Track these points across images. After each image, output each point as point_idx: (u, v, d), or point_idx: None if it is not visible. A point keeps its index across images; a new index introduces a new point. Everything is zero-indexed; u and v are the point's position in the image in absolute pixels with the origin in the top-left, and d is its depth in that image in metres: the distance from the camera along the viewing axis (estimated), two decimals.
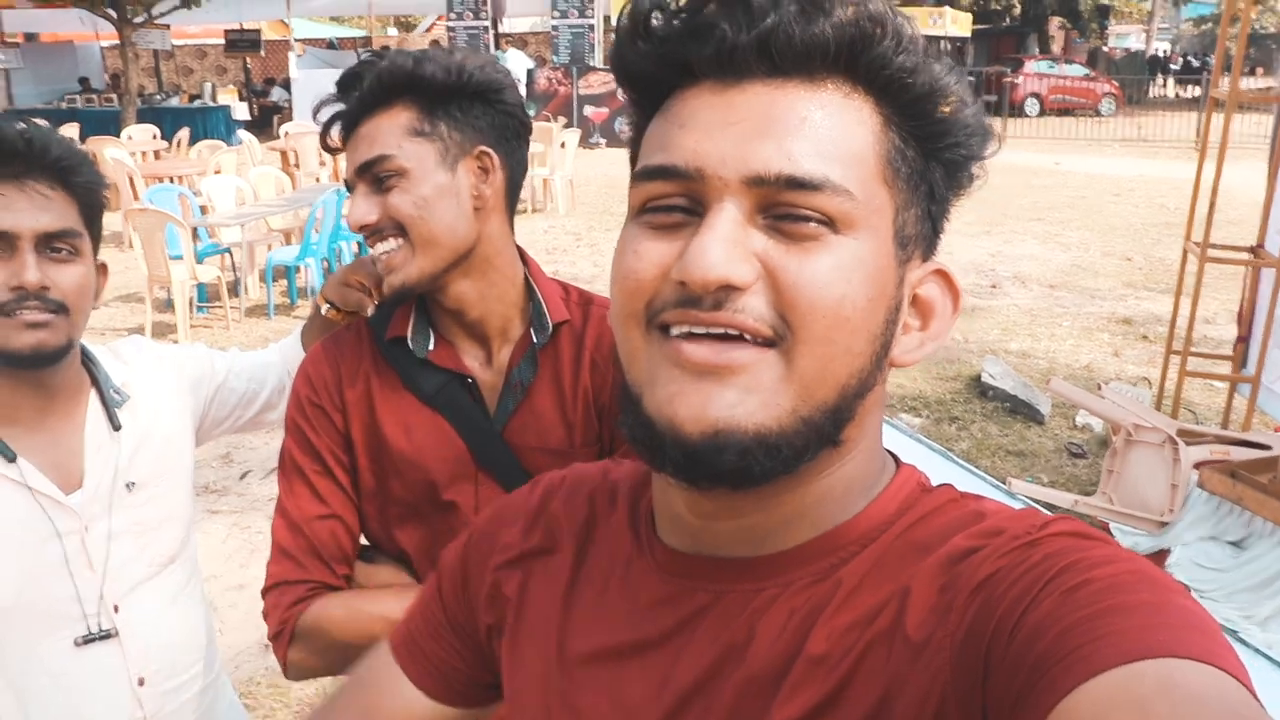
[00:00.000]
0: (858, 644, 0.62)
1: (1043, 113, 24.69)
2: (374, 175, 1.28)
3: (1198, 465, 3.73)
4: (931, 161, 0.67)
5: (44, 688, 1.40)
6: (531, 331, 1.37)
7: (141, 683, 1.46)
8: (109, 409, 1.47)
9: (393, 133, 1.28)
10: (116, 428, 1.47)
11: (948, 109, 0.66)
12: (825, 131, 0.63)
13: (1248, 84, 14.31)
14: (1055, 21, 31.68)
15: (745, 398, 0.61)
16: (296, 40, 22.22)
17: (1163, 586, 0.54)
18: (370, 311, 1.42)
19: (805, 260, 0.61)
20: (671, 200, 0.64)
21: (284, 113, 21.07)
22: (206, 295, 8.06)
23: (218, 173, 10.42)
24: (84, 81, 22.43)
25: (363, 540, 1.43)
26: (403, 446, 1.35)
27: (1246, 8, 4.12)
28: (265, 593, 1.37)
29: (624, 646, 0.73)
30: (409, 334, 1.36)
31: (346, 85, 1.30)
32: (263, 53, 24.93)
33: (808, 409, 0.62)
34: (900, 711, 0.59)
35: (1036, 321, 7.61)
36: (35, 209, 1.30)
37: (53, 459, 1.41)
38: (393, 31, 31.76)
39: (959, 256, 9.71)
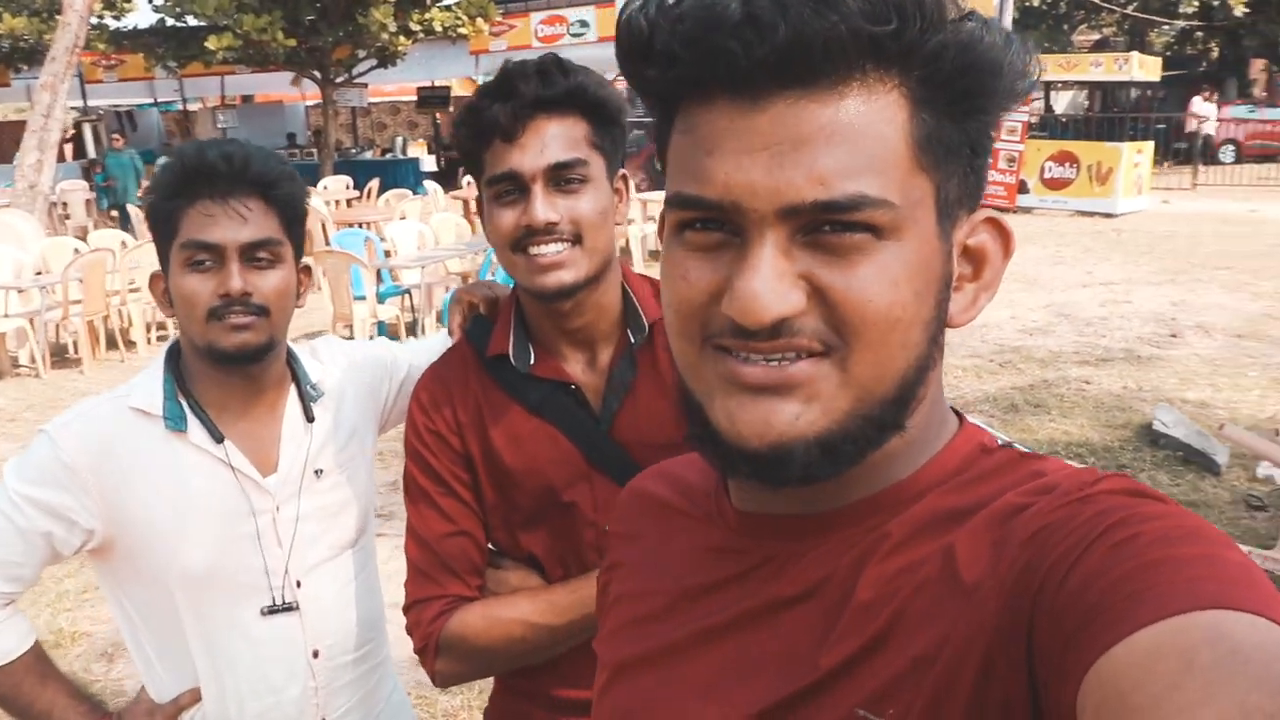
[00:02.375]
0: (904, 591, 0.64)
1: (1239, 159, 23.29)
2: (562, 177, 1.33)
3: None
4: (970, 123, 0.65)
5: (236, 651, 1.55)
6: (629, 332, 1.43)
7: (316, 655, 1.60)
8: (305, 403, 1.62)
9: (579, 140, 1.35)
10: (310, 420, 1.61)
11: (984, 74, 0.63)
12: (854, 140, 0.61)
13: None
14: (1258, 64, 29.97)
15: (806, 409, 0.63)
16: None
17: (1214, 540, 0.54)
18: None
19: (851, 273, 0.61)
20: (709, 219, 0.65)
21: None
22: (386, 332, 8.51)
23: (402, 219, 11.03)
24: (290, 137, 24.30)
25: (490, 548, 1.51)
26: (517, 457, 1.43)
27: None
28: (406, 610, 1.46)
29: (681, 590, 0.78)
30: (510, 350, 1.43)
31: (523, 76, 1.33)
32: (451, 108, 26.24)
33: (867, 407, 0.64)
34: (946, 657, 0.60)
35: (1218, 371, 7.19)
36: (238, 223, 1.44)
37: (254, 443, 1.56)
38: None
39: (1139, 306, 9.30)
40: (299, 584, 1.59)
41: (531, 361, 1.43)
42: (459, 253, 9.38)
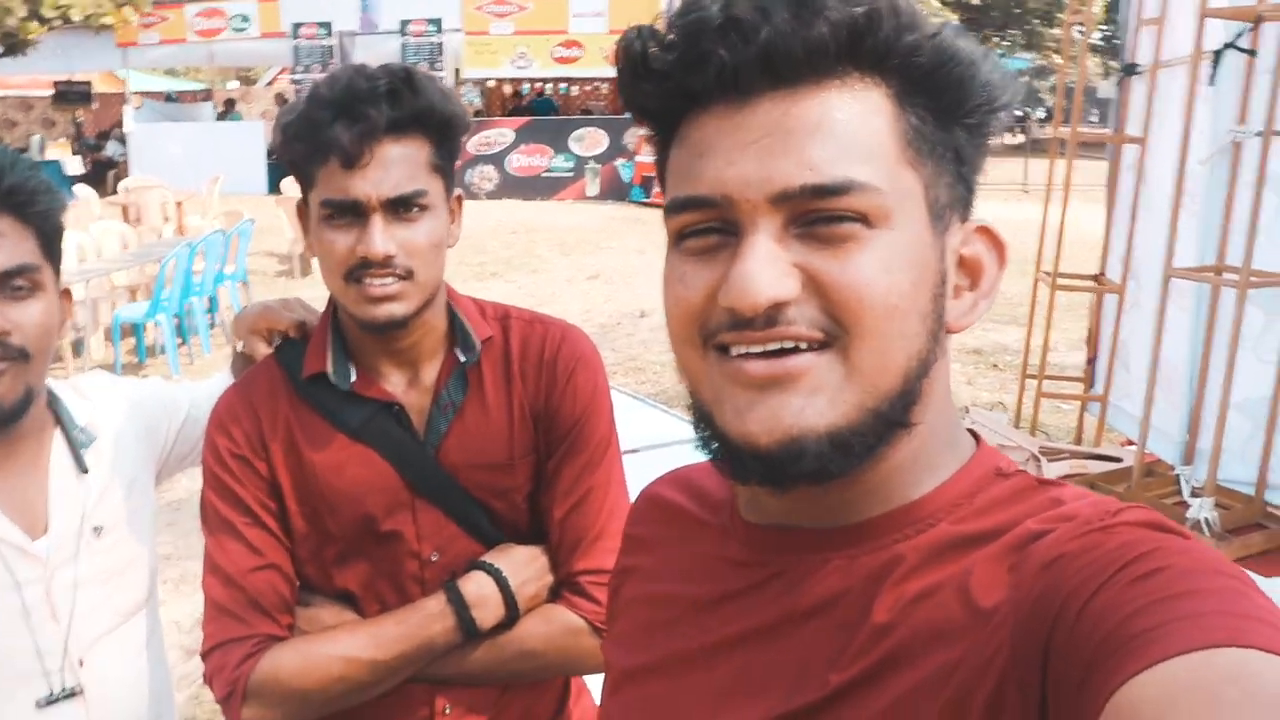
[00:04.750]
0: (918, 613, 0.63)
1: None
2: (402, 207, 1.25)
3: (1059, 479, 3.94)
4: (954, 127, 0.67)
5: None
6: (457, 351, 1.37)
7: None
8: (75, 450, 1.38)
9: (422, 165, 1.26)
10: (84, 469, 1.38)
11: (960, 75, 0.65)
12: (841, 131, 0.63)
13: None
14: None
15: (812, 400, 0.63)
16: (134, 93, 21.40)
17: (1236, 577, 0.54)
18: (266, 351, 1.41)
19: (845, 261, 0.62)
20: (706, 224, 0.66)
21: (119, 167, 20.20)
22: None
23: None
24: None
25: (298, 585, 1.39)
26: (335, 484, 1.32)
27: (1081, 59, 4.46)
28: (206, 656, 1.31)
29: (692, 600, 0.77)
30: (329, 368, 1.32)
31: (372, 98, 1.22)
32: (95, 105, 23.91)
33: (874, 400, 0.64)
34: (957, 682, 0.60)
35: None
36: None
37: (16, 503, 1.32)
38: (234, 84, 30.95)
39: None
40: (81, 663, 1.34)
41: (352, 379, 1.33)
42: (127, 264, 8.56)
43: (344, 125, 1.20)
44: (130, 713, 1.41)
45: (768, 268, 0.62)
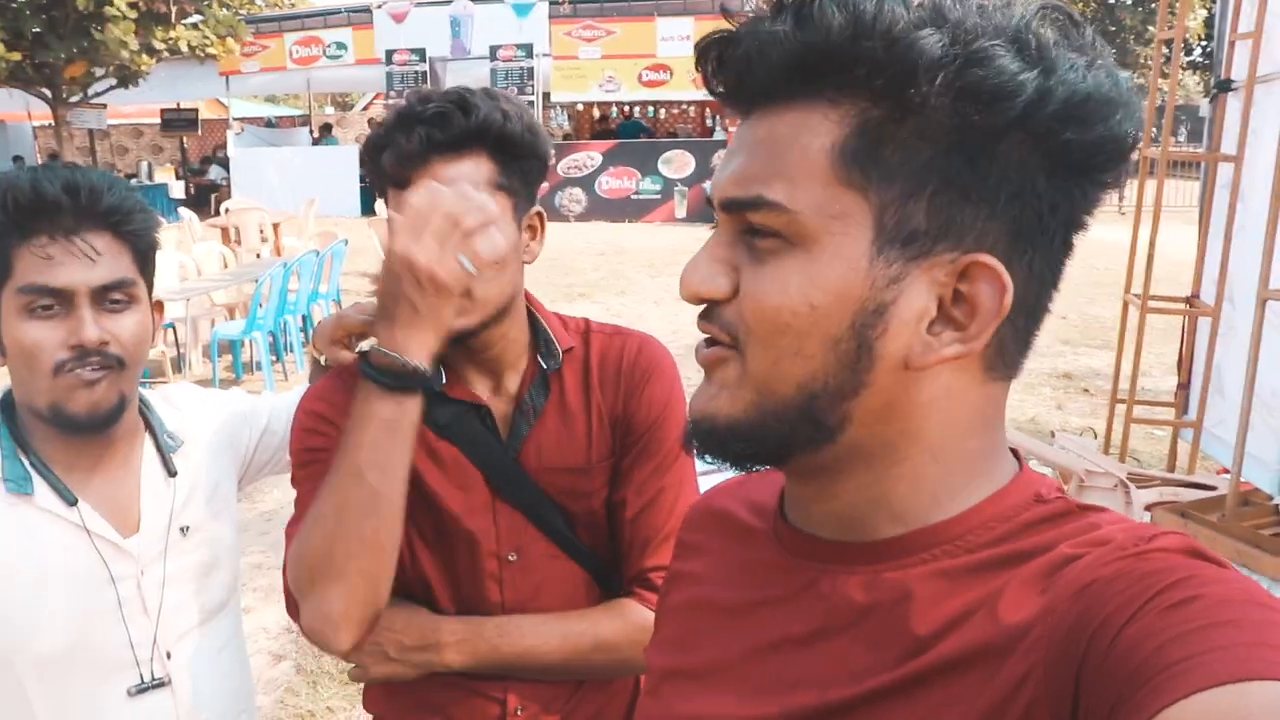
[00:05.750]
0: (951, 633, 0.63)
1: None
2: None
3: (1149, 507, 3.82)
4: (952, 151, 0.63)
5: None
6: (540, 359, 1.40)
7: None
8: (164, 454, 1.46)
9: (478, 183, 1.27)
10: (172, 473, 1.46)
11: (945, 87, 0.61)
12: (774, 151, 0.66)
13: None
14: None
15: (719, 392, 0.70)
16: (235, 119, 22.22)
17: (1272, 608, 0.53)
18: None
19: (757, 273, 0.67)
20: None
21: (221, 190, 20.95)
22: (150, 372, 7.92)
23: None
24: (18, 160, 22.12)
25: None
26: (420, 476, 1.34)
27: (1173, 76, 4.35)
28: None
29: (734, 604, 0.80)
30: None
31: (419, 120, 1.25)
32: (199, 131, 24.86)
33: (770, 404, 0.68)
34: (985, 705, 0.59)
35: None
36: (87, 264, 1.28)
37: (111, 503, 1.40)
38: (330, 110, 31.90)
39: None
40: (169, 655, 1.42)
41: (444, 381, 1.36)
42: (225, 283, 8.87)
43: (391, 151, 1.26)
44: (213, 705, 1.48)
45: (706, 266, 0.69)
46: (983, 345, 0.65)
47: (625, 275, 12.58)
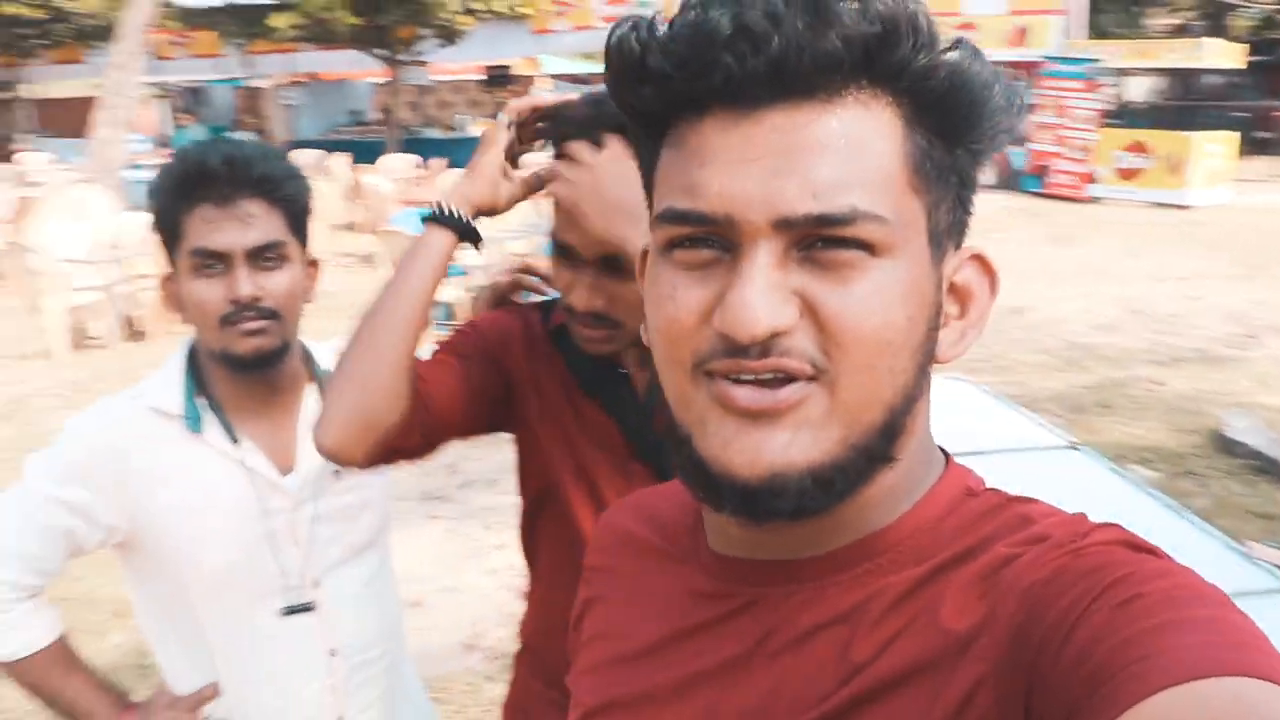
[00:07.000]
0: (892, 649, 0.62)
1: None
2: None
3: None
4: (958, 150, 0.64)
5: (253, 649, 1.56)
6: None
7: (333, 654, 1.61)
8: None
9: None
10: None
11: (972, 99, 0.62)
12: (848, 155, 0.59)
13: None
14: None
15: (797, 436, 0.60)
16: (546, 75, 23.34)
17: (1218, 602, 0.53)
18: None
19: (845, 291, 0.59)
20: (699, 236, 0.62)
21: None
22: (450, 314, 8.49)
23: None
24: (354, 114, 24.51)
25: None
26: (563, 425, 1.43)
27: None
28: None
29: (657, 635, 0.75)
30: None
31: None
32: (516, 87, 26.28)
33: (856, 435, 0.61)
34: (938, 714, 0.58)
35: None
36: (241, 227, 1.44)
37: (271, 443, 1.57)
38: None
39: (1215, 303, 9.04)
40: (317, 584, 1.59)
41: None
42: (522, 234, 9.36)
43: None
44: (356, 631, 1.64)
45: (766, 296, 0.59)
46: (980, 332, 0.68)
47: None
